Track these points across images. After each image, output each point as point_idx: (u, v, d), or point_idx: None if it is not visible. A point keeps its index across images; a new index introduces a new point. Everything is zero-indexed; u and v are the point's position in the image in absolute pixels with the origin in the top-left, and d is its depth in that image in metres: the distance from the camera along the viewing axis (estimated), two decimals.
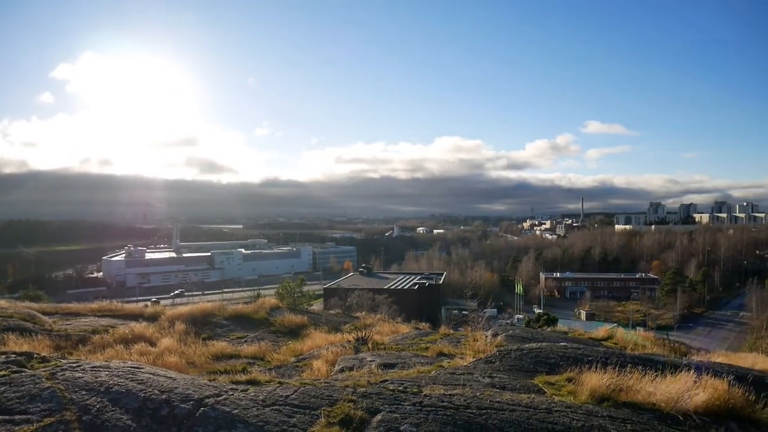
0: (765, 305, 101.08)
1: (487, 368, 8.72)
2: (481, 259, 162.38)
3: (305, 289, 29.47)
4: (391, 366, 9.63)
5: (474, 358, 9.94)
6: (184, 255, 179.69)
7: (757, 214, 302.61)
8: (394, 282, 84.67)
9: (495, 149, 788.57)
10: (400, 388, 6.73)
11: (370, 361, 10.08)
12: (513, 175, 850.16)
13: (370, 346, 12.54)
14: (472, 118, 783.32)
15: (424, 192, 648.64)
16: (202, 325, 18.93)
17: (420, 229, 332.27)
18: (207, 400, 5.91)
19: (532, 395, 6.92)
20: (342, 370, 9.53)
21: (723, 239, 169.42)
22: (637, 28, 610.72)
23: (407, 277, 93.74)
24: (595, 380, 7.20)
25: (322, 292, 74.85)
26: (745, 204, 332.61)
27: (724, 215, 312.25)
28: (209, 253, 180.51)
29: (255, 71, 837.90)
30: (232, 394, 6.19)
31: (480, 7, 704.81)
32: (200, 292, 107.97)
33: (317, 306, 44.74)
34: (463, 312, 63.75)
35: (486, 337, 13.10)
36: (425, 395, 6.43)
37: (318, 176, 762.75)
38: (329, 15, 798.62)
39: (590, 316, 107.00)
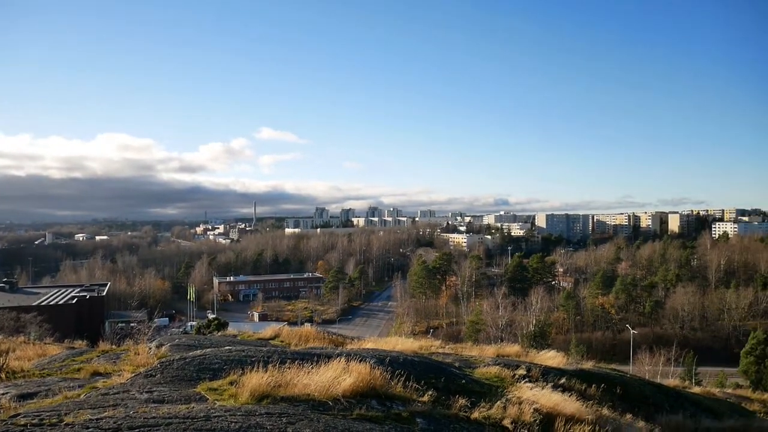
0: (406, 295, 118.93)
1: (146, 383, 8.16)
2: (151, 266, 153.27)
3: None
4: (31, 396, 8.30)
5: (133, 373, 9.23)
6: None
7: (400, 218, 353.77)
8: (47, 297, 74.00)
9: (167, 150, 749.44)
10: (34, 421, 5.79)
11: (2, 394, 8.53)
12: (187, 178, 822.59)
13: (3, 375, 10.61)
14: (142, 115, 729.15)
15: (85, 194, 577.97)
16: None
17: (80, 236, 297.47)
18: None
19: (193, 404, 6.72)
20: None
21: (375, 240, 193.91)
22: (310, 39, 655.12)
23: (63, 290, 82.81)
24: (255, 380, 7.35)
25: None
26: (392, 209, 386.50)
27: (376, 219, 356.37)
28: None
29: None
30: None
31: (155, 5, 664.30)
32: None
33: None
34: (130, 324, 59.35)
35: (150, 349, 12.35)
36: (66, 424, 5.66)
37: None
38: None
39: (263, 317, 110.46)
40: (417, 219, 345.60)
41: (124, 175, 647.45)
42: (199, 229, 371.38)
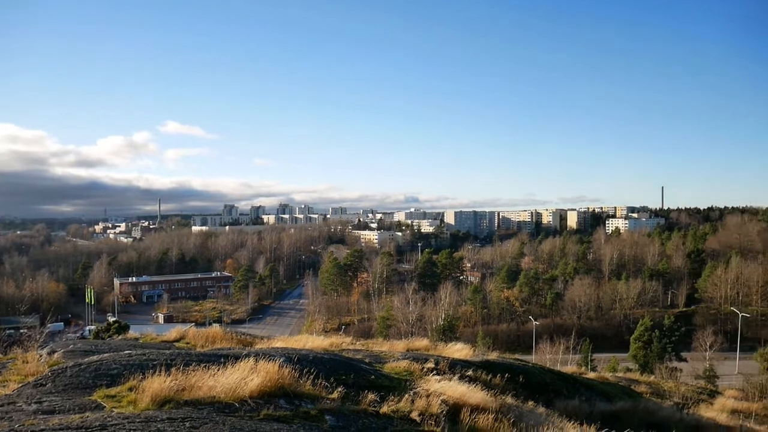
0: (318, 292, 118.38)
1: (35, 393, 7.62)
2: (44, 267, 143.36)
3: None
4: None
5: (21, 383, 8.60)
6: None
7: (312, 215, 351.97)
8: None
9: (61, 143, 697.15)
10: None
11: None
12: (84, 173, 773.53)
13: None
14: (32, 104, 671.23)
15: None
16: None
17: None
18: None
19: (87, 413, 6.35)
20: None
21: (286, 237, 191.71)
22: (217, 28, 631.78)
23: None
24: (157, 384, 7.06)
25: None
26: (303, 206, 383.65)
27: (287, 216, 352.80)
28: None
29: None
30: None
31: None
32: None
33: None
34: (20, 330, 55.24)
35: (40, 356, 11.55)
36: None
37: None
38: None
39: (168, 319, 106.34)
40: (328, 216, 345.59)
41: (12, 169, 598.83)
42: (98, 228, 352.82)
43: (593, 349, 71.95)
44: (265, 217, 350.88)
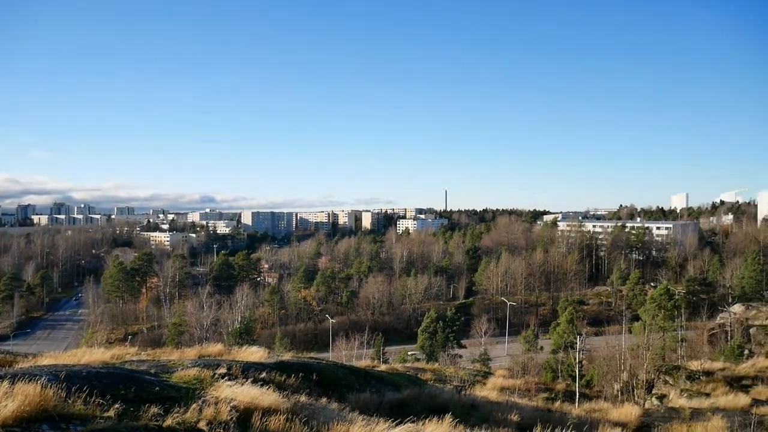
0: (101, 300, 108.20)
1: None
2: None
3: None
4: None
5: None
6: None
7: (94, 216, 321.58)
8: None
9: None
10: None
11: None
12: None
13: None
14: None
15: None
16: None
17: None
18: None
19: None
20: None
21: (62, 240, 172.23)
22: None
23: None
24: None
25: None
26: (83, 206, 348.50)
27: (63, 217, 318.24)
28: None
29: None
30: None
31: None
32: None
33: None
34: None
35: None
36: None
37: None
38: None
39: None
40: (113, 217, 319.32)
41: None
42: None
43: (386, 342, 76.15)
44: (35, 218, 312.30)
